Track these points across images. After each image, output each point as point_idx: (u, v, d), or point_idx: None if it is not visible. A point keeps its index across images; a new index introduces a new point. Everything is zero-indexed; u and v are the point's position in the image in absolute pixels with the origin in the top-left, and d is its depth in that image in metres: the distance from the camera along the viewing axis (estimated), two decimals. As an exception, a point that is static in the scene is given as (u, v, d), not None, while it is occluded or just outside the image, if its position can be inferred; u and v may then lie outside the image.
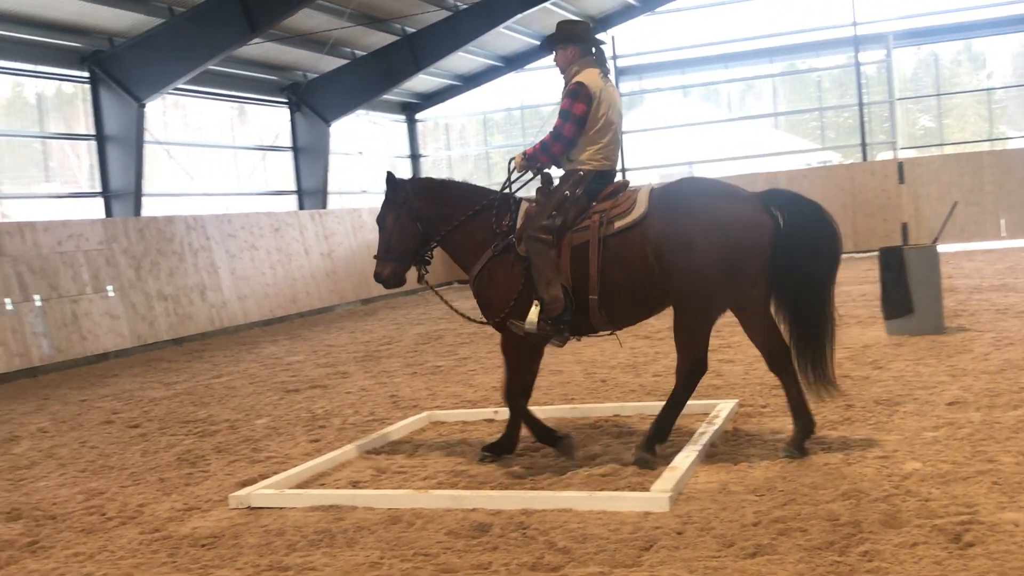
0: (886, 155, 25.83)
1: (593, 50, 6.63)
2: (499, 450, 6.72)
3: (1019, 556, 4.26)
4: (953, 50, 26.13)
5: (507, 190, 6.81)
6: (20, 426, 9.98)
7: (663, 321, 13.59)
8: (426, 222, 6.83)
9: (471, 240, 6.68)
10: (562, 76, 6.69)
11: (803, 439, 6.22)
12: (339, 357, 13.23)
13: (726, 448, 6.52)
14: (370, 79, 23.12)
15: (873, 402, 7.49)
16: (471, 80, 27.78)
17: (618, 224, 6.21)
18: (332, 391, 10.45)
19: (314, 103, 23.36)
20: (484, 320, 6.75)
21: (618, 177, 6.71)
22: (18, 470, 7.84)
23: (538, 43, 26.71)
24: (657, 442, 6.23)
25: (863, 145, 25.26)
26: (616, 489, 5.76)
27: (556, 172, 6.78)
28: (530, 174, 6.81)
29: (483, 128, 29.01)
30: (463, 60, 26.05)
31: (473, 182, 7.10)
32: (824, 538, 4.66)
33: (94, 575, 5.05)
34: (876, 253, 12.02)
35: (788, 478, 5.68)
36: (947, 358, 9.11)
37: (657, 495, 5.36)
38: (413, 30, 22.87)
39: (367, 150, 26.86)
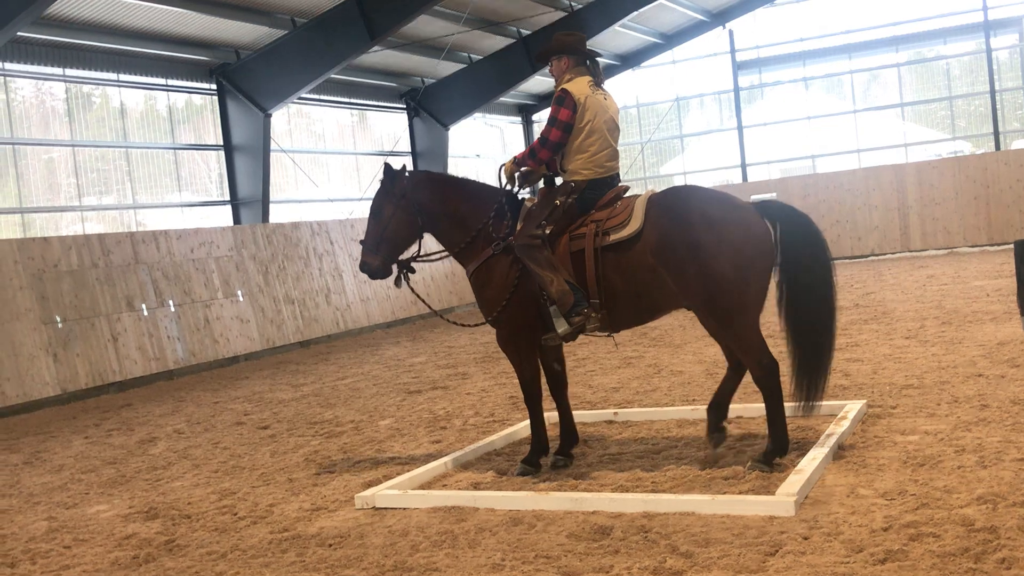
0: (1020, 144, 24.78)
1: (587, 61, 6.70)
2: (536, 456, 6.73)
3: None
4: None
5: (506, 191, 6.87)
6: (157, 427, 10.39)
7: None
8: (426, 217, 6.89)
9: (464, 236, 6.77)
10: (556, 86, 6.75)
11: (716, 424, 6.41)
12: (459, 358, 13.37)
13: (856, 450, 6.34)
14: (486, 82, 23.33)
15: (1009, 402, 7.19)
16: (587, 79, 27.69)
17: (613, 236, 6.24)
18: (453, 392, 10.56)
19: (432, 108, 23.69)
20: (468, 324, 7.64)
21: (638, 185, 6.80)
22: (156, 470, 8.17)
23: (655, 40, 26.54)
24: (779, 455, 6.07)
25: (996, 134, 24.29)
26: (739, 492, 5.66)
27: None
28: (516, 182, 6.84)
29: (600, 127, 28.86)
30: (579, 60, 25.99)
31: None
32: (959, 544, 4.49)
33: (226, 574, 5.22)
34: (1011, 246, 11.53)
35: (920, 481, 5.50)
36: (1091, 355, 8.68)
37: (782, 499, 5.25)
38: (528, 32, 22.96)
39: (484, 152, 27.09)
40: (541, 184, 6.91)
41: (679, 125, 28.22)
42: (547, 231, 6.43)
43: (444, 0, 17.94)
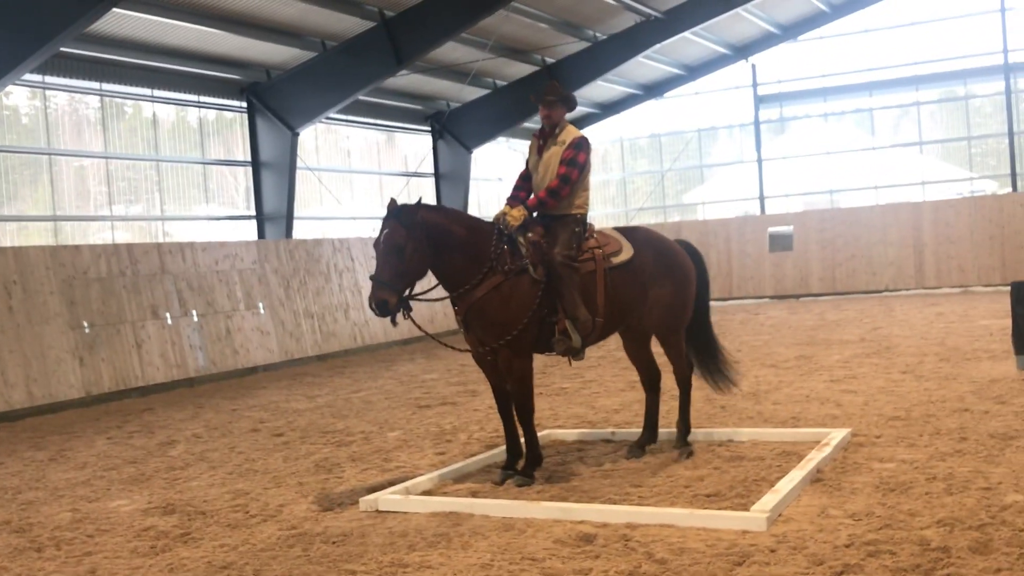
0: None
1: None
2: (532, 468, 7.19)
3: (1102, 586, 4.38)
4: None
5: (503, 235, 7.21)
6: (177, 431, 10.84)
7: (791, 350, 13.63)
8: (434, 247, 6.94)
9: (471, 265, 6.97)
10: (550, 129, 7.46)
11: (646, 444, 7.84)
12: (471, 376, 13.76)
13: (833, 475, 6.69)
14: (511, 108, 23.80)
15: (988, 435, 7.52)
16: (609, 108, 28.21)
17: (615, 260, 7.38)
18: (461, 408, 10.96)
19: (456, 131, 24.21)
20: (468, 348, 7.41)
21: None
22: (174, 470, 8.60)
23: (679, 71, 26.97)
24: (688, 434, 7.84)
25: (1013, 175, 24.56)
26: (719, 508, 6.03)
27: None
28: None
29: (622, 154, 29.37)
30: (602, 89, 26.49)
31: (613, 207, 7.77)
32: (912, 561, 4.85)
33: (236, 563, 5.63)
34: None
35: (888, 504, 5.85)
36: (1075, 395, 8.99)
37: (755, 515, 5.62)
38: (553, 60, 23.46)
39: (507, 176, 27.55)
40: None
41: (700, 155, 28.61)
42: (574, 253, 7.15)
43: (470, 28, 18.42)
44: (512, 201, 7.44)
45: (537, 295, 7.00)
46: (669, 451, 7.81)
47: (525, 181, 7.67)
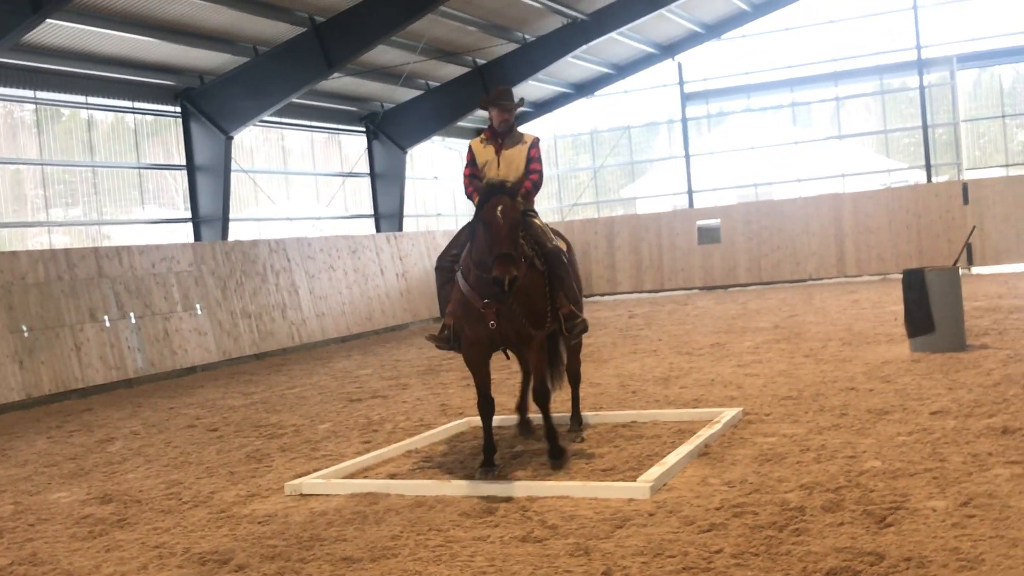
0: (949, 176, 26.09)
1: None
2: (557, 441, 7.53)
3: (923, 532, 5.06)
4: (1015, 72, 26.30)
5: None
6: (115, 429, 11.24)
7: (708, 338, 14.32)
8: None
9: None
10: (505, 129, 7.79)
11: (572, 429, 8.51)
12: (403, 371, 14.29)
13: (720, 449, 7.33)
14: (444, 108, 24.32)
15: (866, 411, 8.23)
16: (542, 106, 28.82)
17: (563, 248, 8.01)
18: (391, 400, 11.49)
19: (391, 131, 24.66)
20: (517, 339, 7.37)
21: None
22: (112, 465, 9.04)
23: (608, 70, 27.65)
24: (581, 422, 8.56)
25: (927, 166, 25.58)
26: (612, 480, 6.65)
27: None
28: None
29: (556, 151, 30.01)
30: (534, 88, 27.09)
31: (556, 202, 8.26)
32: (769, 519, 5.49)
33: (168, 543, 6.13)
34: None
35: (761, 473, 6.50)
36: (954, 373, 9.75)
37: (640, 485, 6.24)
38: (484, 62, 24.01)
39: (442, 175, 28.09)
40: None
41: (630, 152, 29.36)
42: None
43: (400, 31, 18.91)
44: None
45: (546, 284, 7.50)
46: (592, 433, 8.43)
47: (475, 179, 7.82)
